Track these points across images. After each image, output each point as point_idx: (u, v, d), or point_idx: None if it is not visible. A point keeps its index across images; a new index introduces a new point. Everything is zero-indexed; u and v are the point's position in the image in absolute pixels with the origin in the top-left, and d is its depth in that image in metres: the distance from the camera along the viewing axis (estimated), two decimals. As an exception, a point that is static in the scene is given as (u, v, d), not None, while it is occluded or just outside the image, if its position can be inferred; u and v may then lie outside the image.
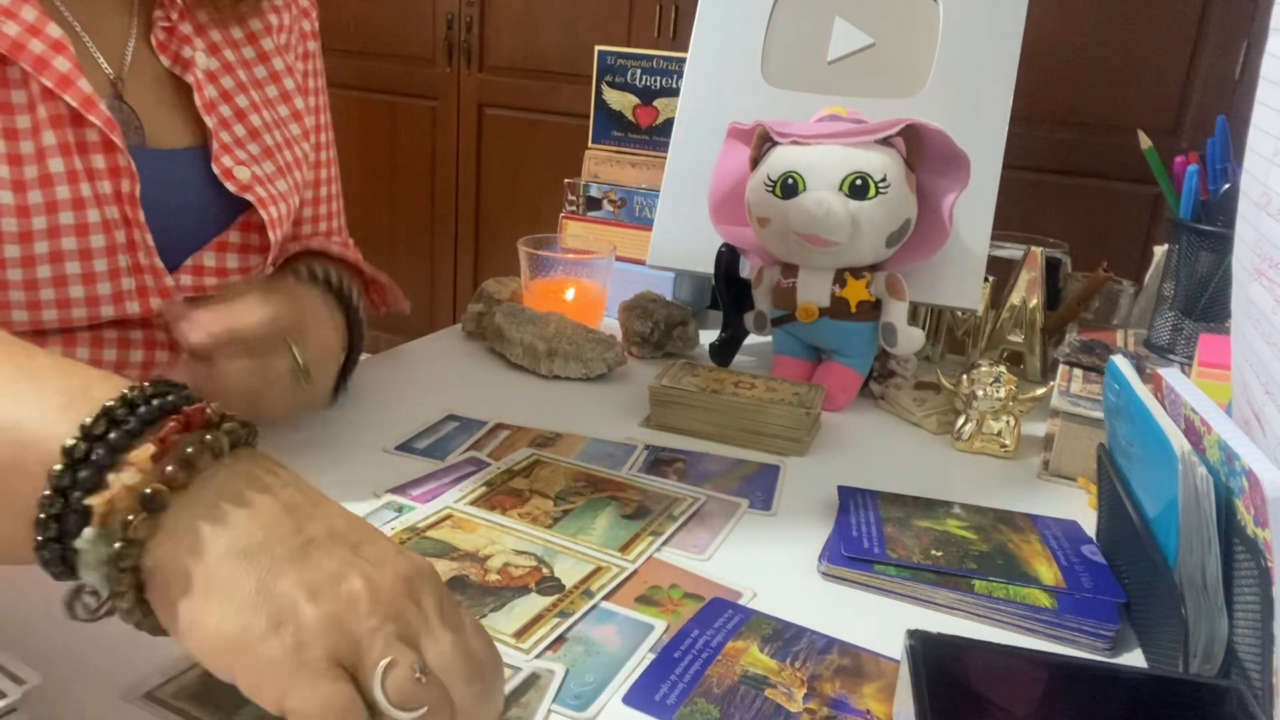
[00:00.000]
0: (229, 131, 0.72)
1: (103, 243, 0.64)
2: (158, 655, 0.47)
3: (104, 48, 0.68)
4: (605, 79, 1.14)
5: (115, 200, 0.64)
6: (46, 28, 0.60)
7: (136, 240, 0.65)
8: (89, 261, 0.63)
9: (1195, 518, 0.48)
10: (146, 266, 0.67)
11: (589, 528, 0.61)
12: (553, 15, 2.70)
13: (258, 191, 0.72)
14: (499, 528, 0.60)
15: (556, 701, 0.46)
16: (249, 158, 0.72)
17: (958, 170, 0.84)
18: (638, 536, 0.61)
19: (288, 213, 0.75)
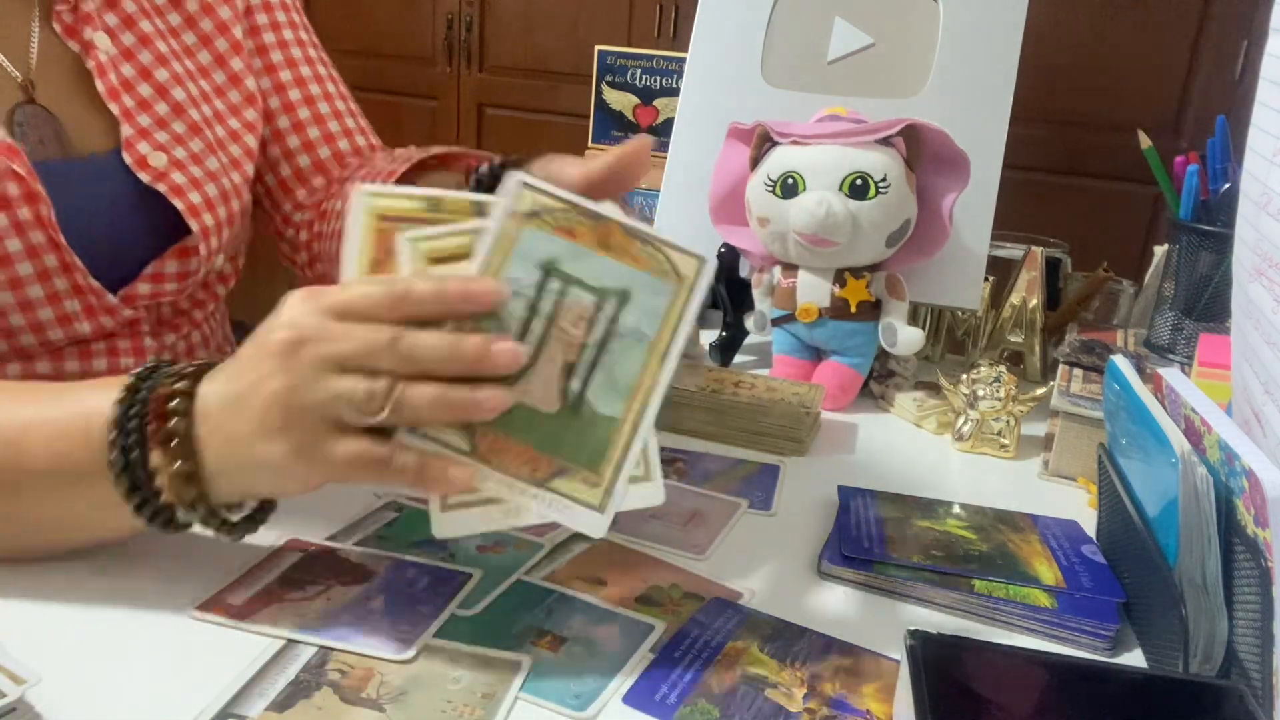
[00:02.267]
0: (148, 113, 0.67)
1: (31, 270, 0.61)
2: (157, 652, 0.47)
3: (8, 46, 0.64)
4: (605, 79, 1.14)
5: (37, 225, 0.60)
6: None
7: (69, 262, 0.62)
8: (21, 290, 0.61)
9: (1195, 518, 0.48)
10: (86, 287, 0.63)
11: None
12: (553, 15, 2.70)
13: (173, 179, 0.67)
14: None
15: (556, 701, 0.46)
16: (170, 139, 0.68)
17: (958, 170, 0.84)
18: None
19: (220, 194, 0.70)
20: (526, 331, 0.46)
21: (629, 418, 0.46)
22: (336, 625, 0.50)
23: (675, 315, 0.47)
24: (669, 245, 0.46)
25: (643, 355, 0.46)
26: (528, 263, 0.46)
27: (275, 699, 0.44)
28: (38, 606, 0.49)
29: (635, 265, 0.46)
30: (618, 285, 0.46)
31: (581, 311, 0.46)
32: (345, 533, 0.59)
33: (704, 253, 0.46)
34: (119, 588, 0.51)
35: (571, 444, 0.46)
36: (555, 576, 0.56)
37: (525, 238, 0.46)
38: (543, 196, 0.46)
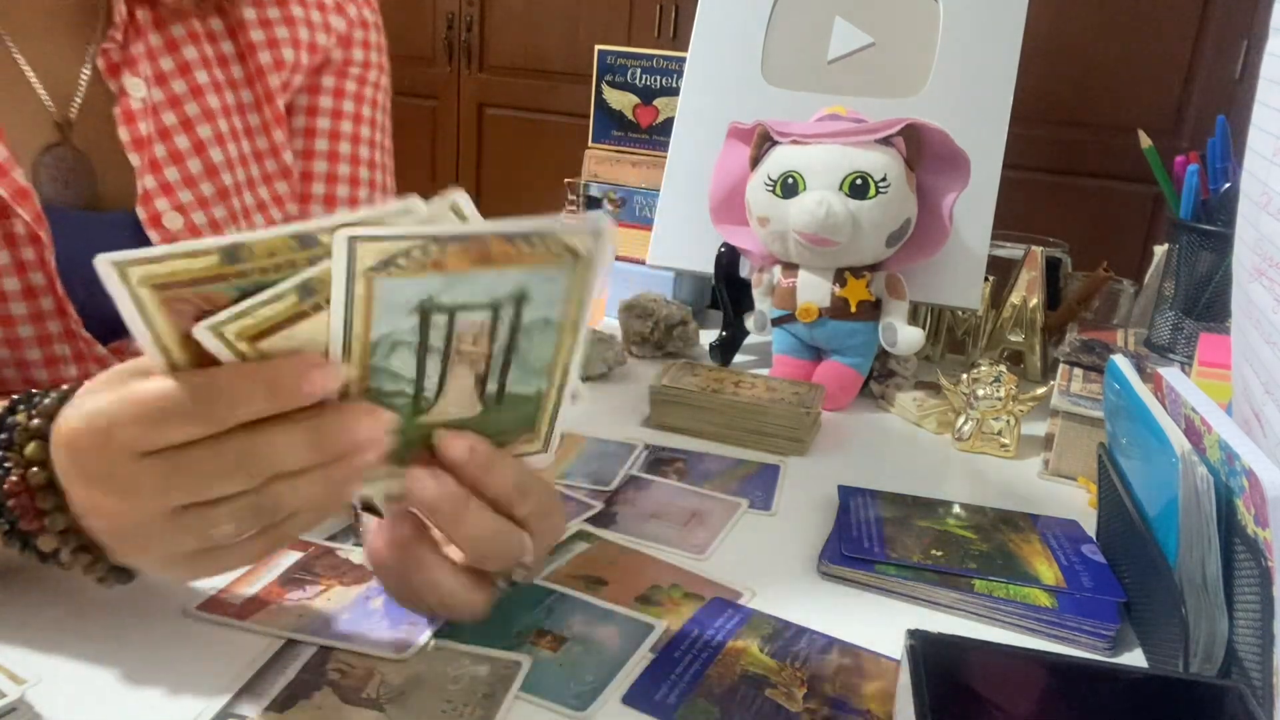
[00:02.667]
0: (179, 166, 0.63)
1: (25, 310, 0.59)
2: (157, 652, 0.47)
3: (52, 83, 0.61)
4: (605, 78, 1.14)
5: (39, 266, 0.58)
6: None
7: (65, 308, 0.60)
8: (12, 328, 0.60)
9: (1195, 517, 0.48)
10: (78, 334, 0.61)
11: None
12: (553, 15, 2.70)
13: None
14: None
15: (556, 701, 0.46)
16: (194, 200, 0.64)
17: (958, 170, 0.84)
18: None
19: None
20: (423, 376, 0.42)
21: (553, 384, 0.45)
22: (336, 625, 0.50)
23: (579, 289, 0.43)
24: (558, 231, 0.41)
25: (554, 336, 0.44)
26: (396, 314, 0.40)
27: (275, 699, 0.44)
28: (37, 607, 0.49)
29: (524, 265, 0.41)
30: (511, 291, 0.41)
31: (477, 330, 0.42)
32: (345, 533, 0.59)
33: (598, 224, 0.41)
34: (119, 588, 0.51)
35: (501, 425, 0.45)
36: (555, 576, 0.56)
37: (383, 291, 0.39)
38: (386, 243, 0.38)
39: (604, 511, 0.65)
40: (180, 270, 0.37)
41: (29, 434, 0.42)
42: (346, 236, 0.37)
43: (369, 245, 0.38)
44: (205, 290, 0.37)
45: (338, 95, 0.73)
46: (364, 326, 0.40)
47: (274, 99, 0.69)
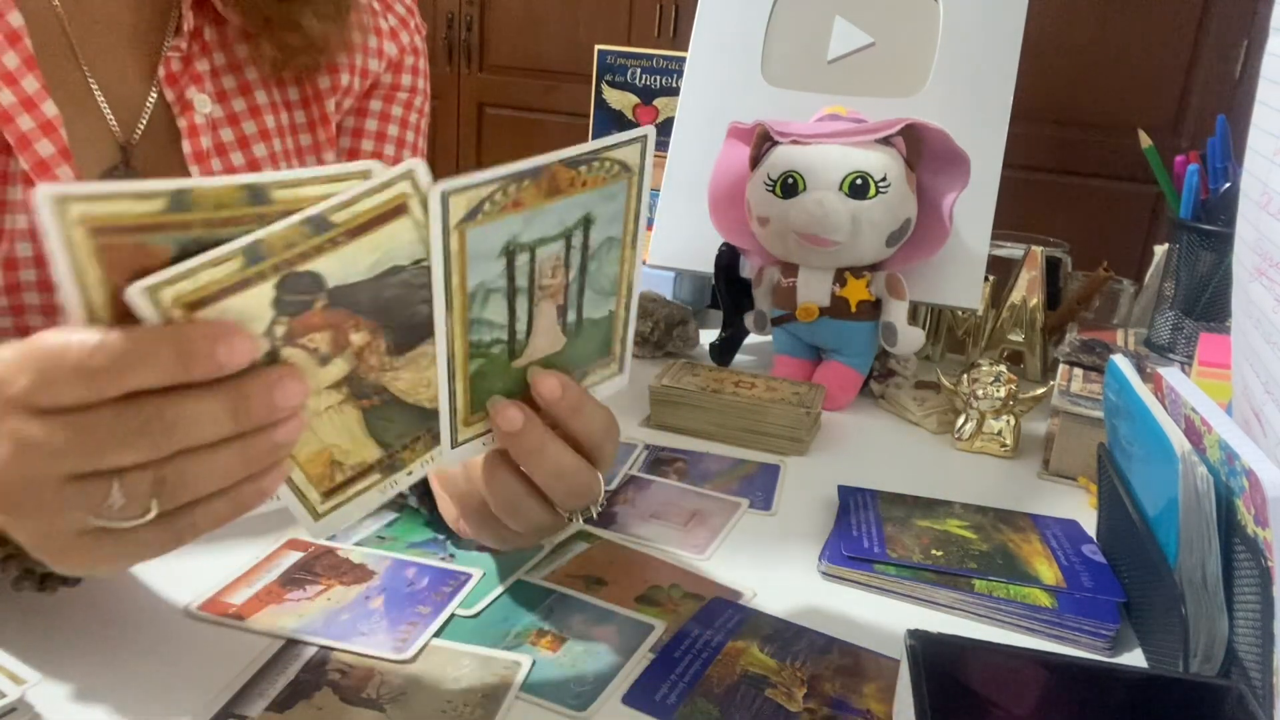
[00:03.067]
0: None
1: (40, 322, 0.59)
2: (157, 652, 0.47)
3: (119, 106, 0.62)
4: (605, 78, 1.14)
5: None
6: (43, 104, 0.56)
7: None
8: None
9: (1195, 517, 0.48)
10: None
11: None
12: (553, 15, 2.70)
13: None
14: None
15: (556, 701, 0.46)
16: None
17: (958, 170, 0.84)
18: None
19: None
20: (514, 319, 0.44)
21: (620, 303, 0.49)
22: (336, 625, 0.50)
23: (634, 202, 0.46)
24: (610, 148, 0.43)
25: (617, 252, 0.47)
26: (486, 261, 0.42)
27: (275, 699, 0.44)
28: (37, 607, 0.49)
29: (587, 189, 0.44)
30: (579, 217, 0.44)
31: (555, 261, 0.44)
32: (345, 533, 0.59)
33: (643, 131, 0.44)
34: (119, 588, 0.51)
35: (582, 354, 0.49)
36: (555, 576, 0.56)
37: (474, 241, 0.41)
38: (471, 191, 0.40)
39: (604, 511, 0.65)
40: (122, 213, 0.34)
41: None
42: (440, 191, 0.38)
43: (459, 196, 0.39)
44: (143, 240, 0.34)
45: (383, 119, 0.74)
46: (461, 280, 0.41)
47: (329, 121, 0.70)
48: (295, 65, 0.66)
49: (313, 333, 0.39)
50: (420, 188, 0.39)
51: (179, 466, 0.36)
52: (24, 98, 0.56)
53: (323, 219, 0.37)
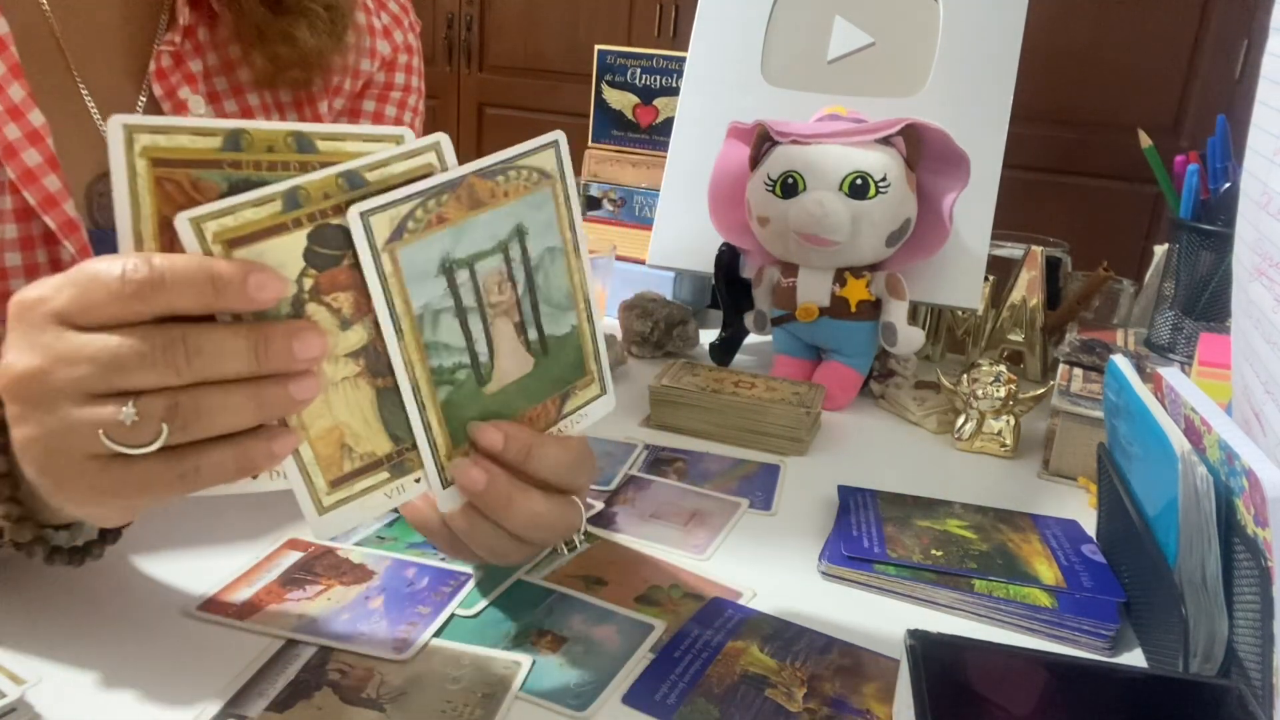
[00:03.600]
0: None
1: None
2: (157, 652, 0.47)
3: (107, 107, 0.62)
4: (605, 78, 1.14)
5: None
6: (30, 113, 0.55)
7: None
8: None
9: (1195, 517, 0.48)
10: None
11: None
12: (553, 15, 2.70)
13: None
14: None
15: (556, 701, 0.46)
16: None
17: (958, 170, 0.84)
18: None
19: None
20: (471, 340, 0.44)
21: (581, 317, 0.49)
22: (336, 625, 0.50)
23: (564, 209, 0.46)
24: (522, 155, 0.44)
25: (562, 262, 0.47)
26: (425, 280, 0.42)
27: (275, 699, 0.44)
28: (37, 607, 0.49)
29: (510, 199, 0.44)
30: (510, 229, 0.44)
31: (499, 277, 0.45)
32: (345, 533, 0.59)
33: (551, 136, 0.45)
34: (119, 588, 0.52)
35: (557, 375, 0.48)
36: (555, 576, 0.56)
37: (406, 260, 0.41)
38: (391, 209, 0.40)
39: (604, 511, 0.65)
40: (184, 147, 0.37)
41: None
42: (358, 212, 0.39)
43: (379, 216, 0.40)
44: (198, 176, 0.37)
45: (377, 119, 0.74)
46: (404, 303, 0.42)
47: (321, 122, 0.70)
48: (286, 78, 0.65)
49: (337, 291, 0.40)
50: (444, 159, 0.42)
51: (194, 395, 0.37)
52: (10, 106, 0.55)
53: (357, 175, 0.40)
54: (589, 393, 0.50)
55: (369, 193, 0.40)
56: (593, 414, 0.50)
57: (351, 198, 0.39)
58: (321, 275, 0.39)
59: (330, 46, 0.65)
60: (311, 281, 0.39)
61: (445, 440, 0.45)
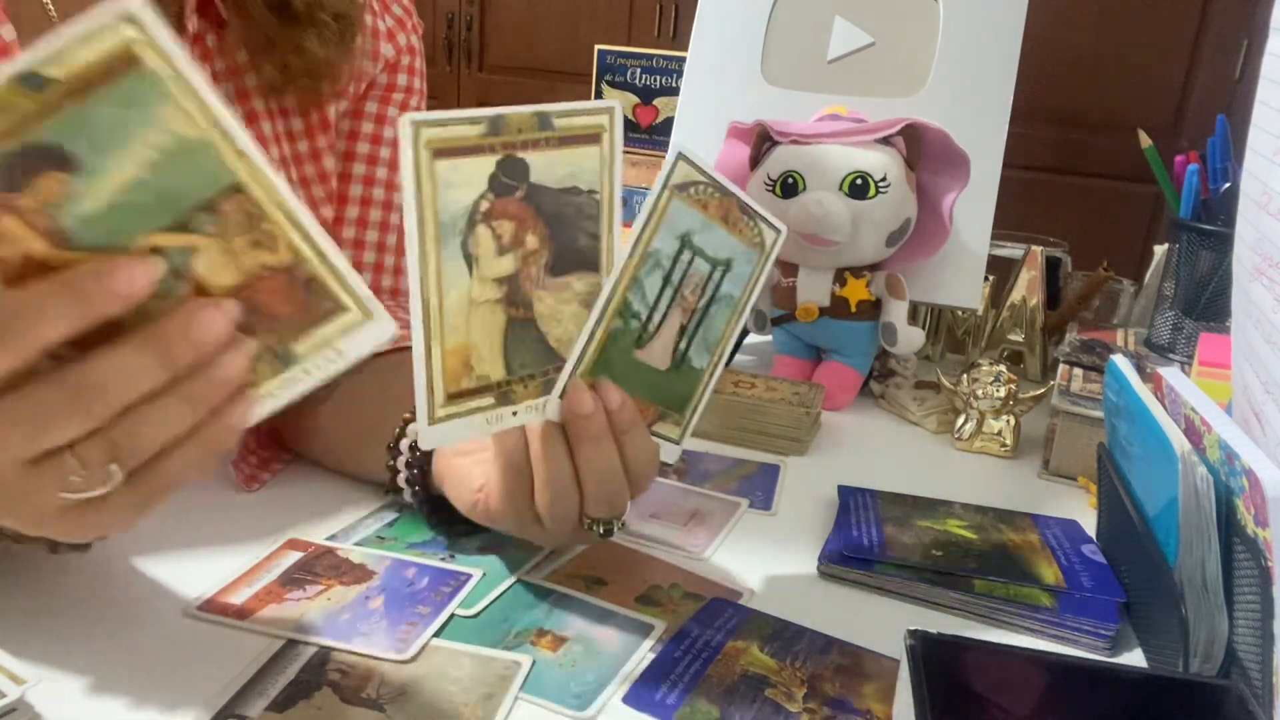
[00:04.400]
0: None
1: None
2: (157, 652, 0.47)
3: None
4: (605, 78, 1.14)
5: None
6: None
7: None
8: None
9: (1195, 517, 0.48)
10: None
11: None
12: (553, 15, 2.70)
13: None
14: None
15: (556, 701, 0.46)
16: None
17: (958, 170, 0.84)
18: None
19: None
20: (656, 306, 0.48)
21: (710, 367, 0.53)
22: (336, 625, 0.50)
23: (754, 279, 0.52)
24: (762, 218, 0.51)
25: (729, 314, 0.52)
26: (670, 234, 0.47)
27: (275, 699, 0.44)
28: (37, 607, 0.49)
29: (739, 237, 0.50)
30: (726, 256, 0.50)
31: (700, 280, 0.49)
32: (345, 533, 0.59)
33: (781, 225, 0.52)
34: (119, 588, 0.52)
35: (671, 393, 0.52)
36: (555, 576, 0.56)
37: (673, 209, 0.47)
38: (692, 170, 0.47)
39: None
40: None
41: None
42: (680, 152, 0.46)
43: (686, 166, 0.47)
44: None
45: (379, 121, 0.73)
46: (650, 236, 0.46)
47: (328, 126, 0.69)
48: (295, 88, 0.65)
49: (505, 219, 0.43)
50: (615, 125, 0.45)
51: (127, 427, 0.35)
52: None
53: (548, 117, 0.42)
54: (672, 431, 0.53)
55: (552, 136, 0.43)
56: (663, 451, 0.52)
57: (536, 137, 0.42)
58: (498, 200, 0.42)
59: (339, 56, 0.65)
60: (488, 205, 0.42)
61: (590, 360, 0.47)
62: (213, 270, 0.36)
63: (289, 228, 0.37)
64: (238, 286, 0.37)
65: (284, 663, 0.47)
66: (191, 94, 0.33)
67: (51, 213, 0.33)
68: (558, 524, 0.50)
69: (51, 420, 0.34)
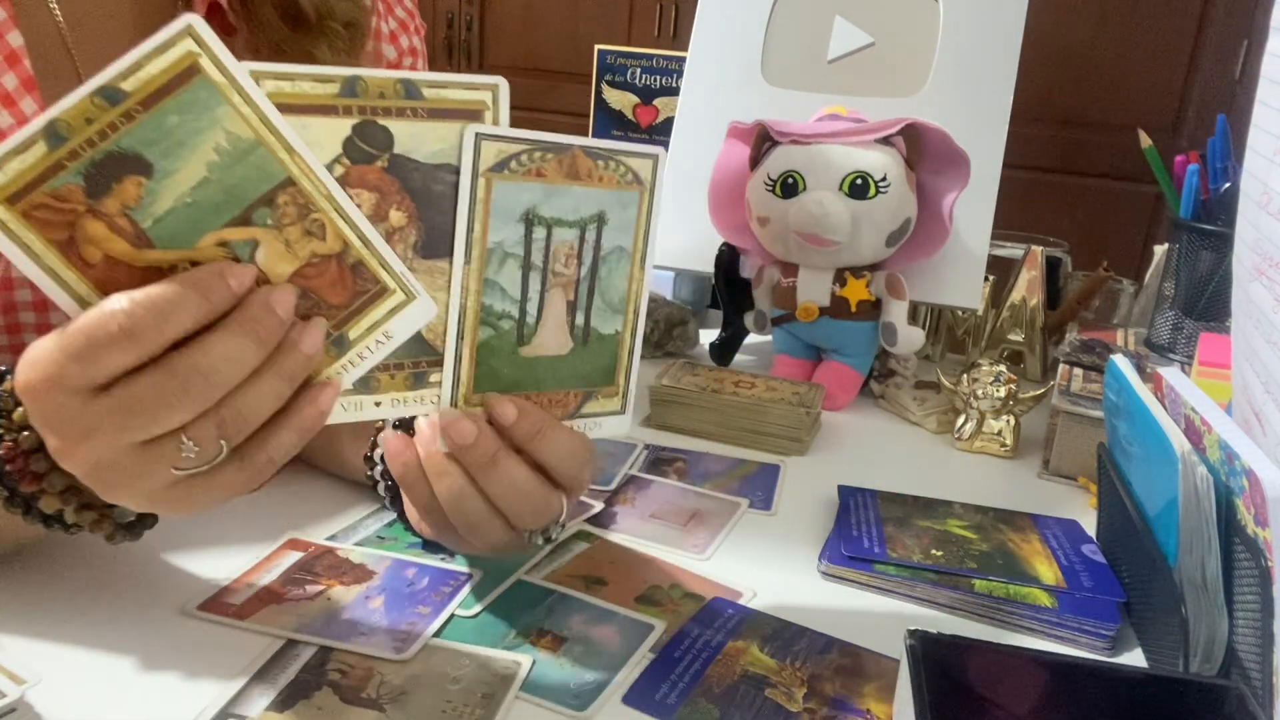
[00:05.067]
0: None
1: (32, 320, 0.59)
2: (157, 652, 0.47)
3: None
4: (605, 78, 1.14)
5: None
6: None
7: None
8: (18, 335, 0.60)
9: (1195, 517, 0.48)
10: None
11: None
12: (553, 15, 2.70)
13: None
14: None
15: (556, 701, 0.46)
16: None
17: (958, 169, 0.84)
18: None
19: None
20: (525, 297, 0.46)
21: (627, 327, 0.49)
22: (336, 625, 0.50)
23: (644, 219, 0.48)
24: (626, 154, 0.46)
25: (626, 267, 0.48)
26: (508, 221, 0.44)
27: (275, 699, 0.44)
28: (38, 607, 0.49)
29: (603, 186, 0.46)
30: (594, 211, 0.46)
31: (569, 250, 0.46)
32: (345, 533, 0.59)
33: (654, 149, 0.47)
34: (119, 588, 0.51)
35: (588, 370, 0.49)
36: (555, 576, 0.56)
37: (498, 194, 0.43)
38: (504, 144, 0.43)
39: (604, 511, 0.65)
40: (22, 170, 0.35)
41: (15, 400, 0.42)
42: (473, 131, 0.42)
43: (491, 144, 0.42)
44: (53, 186, 0.36)
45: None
46: (482, 231, 0.43)
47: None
48: None
49: (362, 189, 0.41)
50: (499, 102, 0.43)
51: (232, 405, 0.39)
52: (22, 119, 0.55)
53: (413, 85, 0.41)
54: (609, 404, 0.50)
55: (418, 107, 0.41)
56: (606, 426, 0.51)
57: (399, 105, 0.40)
58: (353, 168, 0.40)
59: (349, 64, 0.65)
60: (343, 170, 0.40)
61: (469, 376, 0.46)
62: (272, 260, 0.39)
63: (336, 217, 0.40)
64: (293, 274, 0.40)
65: (284, 663, 0.47)
66: (245, 98, 0.37)
67: (130, 215, 0.37)
68: (485, 543, 0.49)
69: (168, 406, 0.37)
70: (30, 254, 0.36)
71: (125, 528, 0.46)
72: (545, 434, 0.47)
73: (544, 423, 0.47)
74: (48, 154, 0.35)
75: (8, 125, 0.55)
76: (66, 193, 0.36)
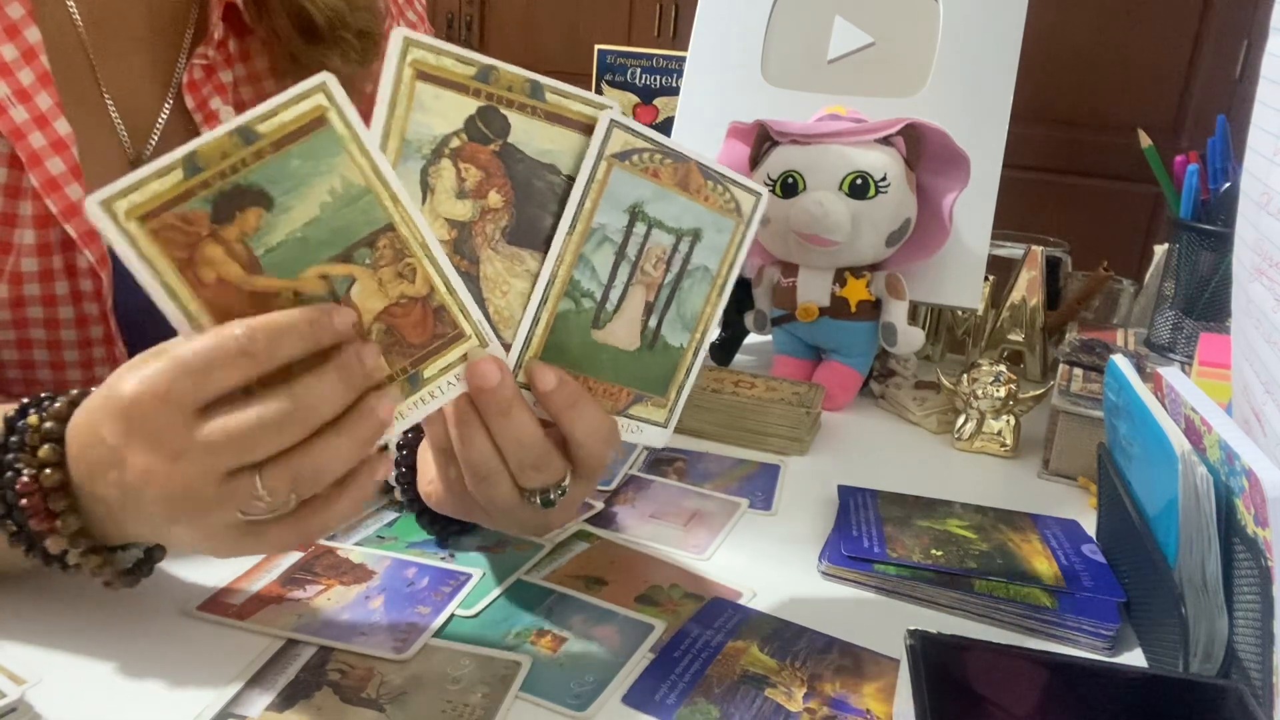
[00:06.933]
0: None
1: (74, 336, 0.61)
2: (157, 652, 0.47)
3: (131, 115, 0.62)
4: (605, 78, 1.14)
5: (95, 298, 0.60)
6: (56, 121, 0.56)
7: (113, 335, 0.61)
8: (58, 352, 0.61)
9: (1195, 517, 0.48)
10: (121, 360, 0.60)
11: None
12: (553, 15, 2.70)
13: None
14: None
15: (556, 701, 0.46)
16: None
17: (958, 170, 0.84)
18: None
19: None
20: (611, 283, 0.47)
21: (691, 346, 0.51)
22: (336, 625, 0.50)
23: (734, 249, 0.50)
24: (734, 183, 0.49)
25: (706, 289, 0.50)
26: (615, 207, 0.46)
27: (275, 699, 0.44)
28: (38, 607, 0.49)
29: (706, 205, 0.49)
30: (693, 226, 0.49)
31: (661, 254, 0.48)
32: (345, 533, 0.59)
33: (762, 188, 0.50)
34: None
35: (646, 374, 0.50)
36: (555, 576, 0.56)
37: (614, 180, 0.46)
38: (632, 136, 0.46)
39: (604, 511, 0.65)
40: (158, 192, 0.38)
41: (42, 436, 0.43)
42: (609, 117, 0.45)
43: (621, 133, 0.45)
44: (183, 210, 0.38)
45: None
46: (591, 211, 0.46)
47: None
48: None
49: (472, 165, 0.43)
50: (608, 122, 0.45)
51: (309, 455, 0.40)
52: (37, 115, 0.56)
53: (540, 87, 0.44)
54: (656, 414, 0.51)
55: (539, 108, 0.44)
56: (647, 434, 0.51)
57: (525, 102, 0.43)
58: (468, 144, 0.43)
59: (363, 74, 0.65)
60: (459, 143, 0.43)
61: (539, 344, 0.47)
62: (365, 296, 0.42)
63: (426, 263, 0.43)
64: (382, 311, 0.43)
65: (284, 663, 0.47)
66: (362, 150, 0.41)
67: (246, 243, 0.40)
68: (489, 500, 0.49)
69: (264, 434, 0.39)
70: (151, 269, 0.38)
71: (124, 574, 0.46)
72: (578, 407, 0.47)
73: (580, 396, 0.47)
74: (183, 180, 0.38)
75: (22, 120, 0.55)
76: (194, 217, 0.39)
